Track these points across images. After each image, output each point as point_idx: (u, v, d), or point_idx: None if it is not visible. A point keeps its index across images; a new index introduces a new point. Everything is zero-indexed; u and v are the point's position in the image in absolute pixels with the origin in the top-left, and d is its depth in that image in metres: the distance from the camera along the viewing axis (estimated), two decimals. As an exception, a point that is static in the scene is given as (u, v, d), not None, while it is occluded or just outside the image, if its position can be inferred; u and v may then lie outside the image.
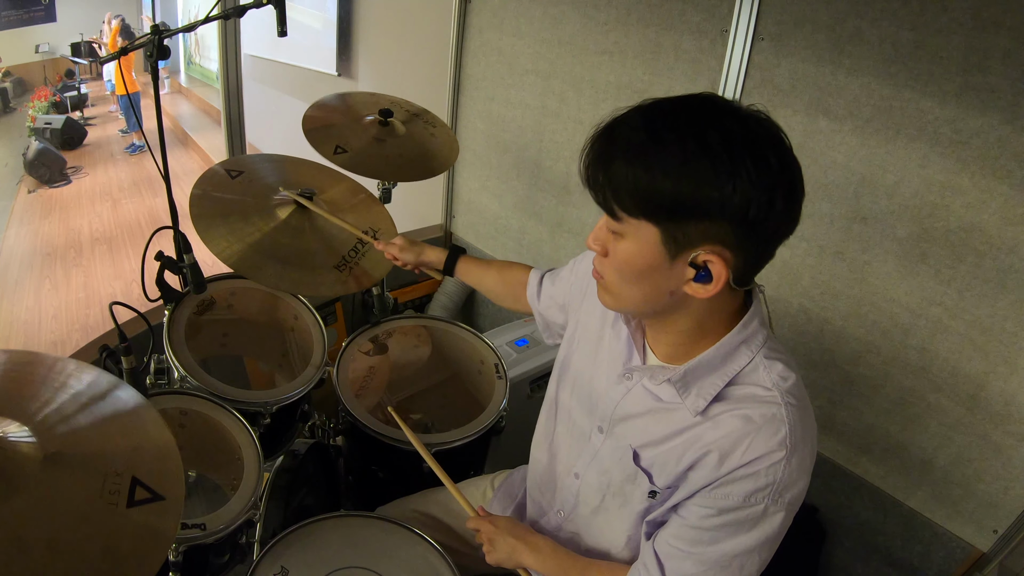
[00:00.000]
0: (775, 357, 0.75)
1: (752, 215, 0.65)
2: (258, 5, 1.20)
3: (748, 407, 0.73)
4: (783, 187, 0.66)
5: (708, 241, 0.67)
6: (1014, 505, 1.28)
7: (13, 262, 4.50)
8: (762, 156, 0.64)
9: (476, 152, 2.32)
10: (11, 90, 7.88)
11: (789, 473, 0.71)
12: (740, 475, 0.71)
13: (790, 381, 0.74)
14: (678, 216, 0.66)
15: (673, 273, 0.70)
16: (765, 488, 0.71)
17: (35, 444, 0.66)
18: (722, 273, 0.67)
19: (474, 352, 1.55)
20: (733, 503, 0.72)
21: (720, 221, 0.65)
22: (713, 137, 0.63)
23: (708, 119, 0.65)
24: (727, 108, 0.67)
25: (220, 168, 1.32)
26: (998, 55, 1.13)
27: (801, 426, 0.72)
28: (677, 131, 0.65)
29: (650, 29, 1.67)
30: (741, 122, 0.65)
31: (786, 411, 0.71)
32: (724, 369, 0.75)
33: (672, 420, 0.78)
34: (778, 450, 0.70)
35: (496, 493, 1.19)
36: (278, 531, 1.04)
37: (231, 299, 1.44)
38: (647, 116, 0.67)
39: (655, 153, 0.65)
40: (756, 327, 0.76)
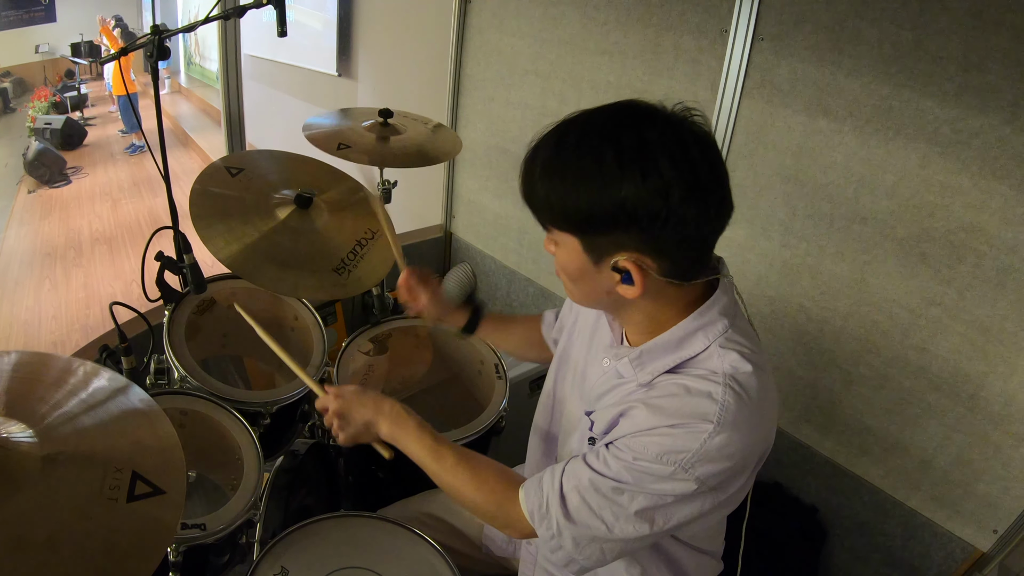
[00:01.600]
0: (732, 347, 0.75)
1: (652, 221, 0.67)
2: (258, 5, 1.20)
3: (690, 380, 0.74)
4: (680, 188, 0.66)
5: (622, 248, 0.70)
6: (1014, 505, 1.28)
7: (13, 262, 4.50)
8: (651, 162, 0.66)
9: (476, 152, 2.32)
10: (11, 90, 7.88)
11: (707, 449, 0.70)
12: (661, 432, 0.72)
13: (741, 371, 0.73)
14: (589, 228, 0.71)
15: (602, 277, 0.74)
16: (680, 452, 0.71)
17: (35, 443, 0.67)
18: (640, 278, 0.71)
19: (474, 352, 1.55)
20: (648, 455, 0.72)
21: (623, 229, 0.68)
22: (606, 151, 0.67)
23: (605, 133, 0.68)
24: (633, 117, 0.69)
25: (220, 164, 1.31)
26: (998, 55, 1.13)
27: (736, 412, 0.71)
28: (578, 148, 0.69)
29: (650, 29, 1.67)
30: (637, 130, 0.67)
31: (723, 391, 0.71)
32: (678, 352, 0.77)
33: (625, 392, 0.81)
34: (702, 422, 0.70)
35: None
36: (278, 531, 1.04)
37: (231, 299, 1.44)
38: (559, 133, 0.72)
39: (560, 170, 0.70)
40: (715, 316, 0.76)
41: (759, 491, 1.32)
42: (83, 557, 0.61)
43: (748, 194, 1.55)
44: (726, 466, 0.72)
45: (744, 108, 1.52)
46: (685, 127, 0.69)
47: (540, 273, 2.23)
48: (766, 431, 0.76)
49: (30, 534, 0.60)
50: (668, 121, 0.68)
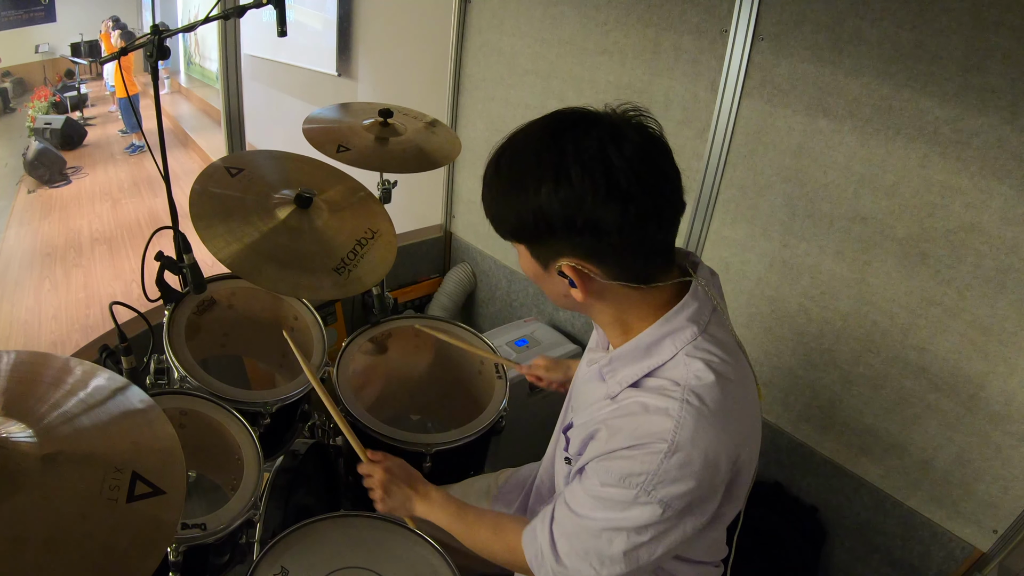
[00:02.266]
0: (698, 355, 0.74)
1: (569, 229, 0.69)
2: (258, 5, 1.20)
3: (648, 396, 0.74)
4: (592, 195, 0.67)
5: (560, 255, 0.73)
6: (1014, 505, 1.28)
7: (13, 262, 4.50)
8: (563, 173, 0.67)
9: (476, 152, 2.32)
10: (11, 90, 7.88)
11: (666, 469, 0.69)
12: (620, 455, 0.72)
13: (703, 381, 0.72)
14: (527, 236, 0.74)
15: (554, 281, 0.76)
16: (639, 475, 0.70)
17: (35, 443, 0.67)
18: (579, 282, 0.73)
19: (474, 352, 1.55)
20: (611, 479, 0.73)
21: (554, 238, 0.71)
22: (528, 162, 0.70)
23: (525, 150, 0.71)
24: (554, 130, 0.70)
25: (220, 164, 1.32)
26: (998, 55, 1.13)
27: (693, 427, 0.69)
28: (511, 160, 0.73)
29: (650, 29, 1.67)
30: (555, 144, 0.68)
31: (680, 407, 0.70)
32: (645, 361, 0.76)
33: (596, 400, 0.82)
34: (657, 443, 0.70)
35: (500, 491, 1.19)
36: (278, 531, 1.04)
37: (231, 299, 1.44)
38: (502, 146, 0.75)
39: (493, 186, 0.75)
40: (682, 322, 0.75)
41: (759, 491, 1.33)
42: (83, 557, 0.61)
43: (748, 194, 1.55)
44: (690, 486, 0.70)
45: (744, 108, 1.52)
46: (616, 132, 0.68)
47: (540, 273, 2.23)
48: (734, 442, 0.73)
49: (30, 534, 0.60)
50: (595, 127, 0.69)
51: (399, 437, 1.28)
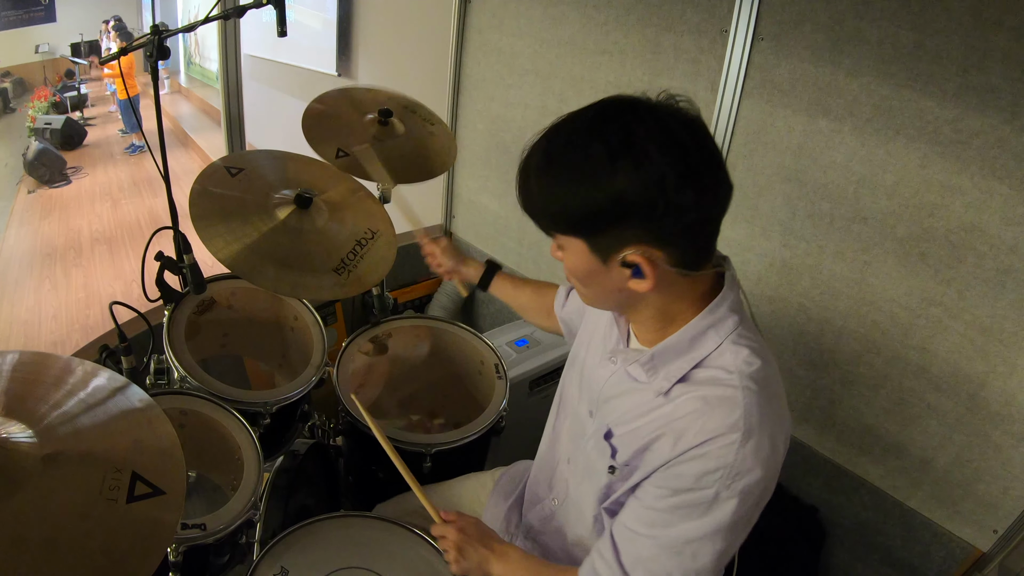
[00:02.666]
0: (743, 343, 0.75)
1: (651, 211, 0.66)
2: (258, 5, 1.20)
3: (705, 388, 0.73)
4: (673, 174, 0.65)
5: (629, 243, 0.69)
6: (1014, 505, 1.28)
7: (13, 262, 4.50)
8: (642, 153, 0.65)
9: (476, 152, 2.32)
10: (11, 90, 7.88)
11: (743, 458, 0.69)
12: (692, 455, 0.71)
13: (754, 367, 0.73)
14: (591, 227, 0.70)
15: (612, 275, 0.73)
16: (716, 471, 0.70)
17: (35, 443, 0.66)
18: (650, 270, 0.70)
19: (474, 352, 1.55)
20: (685, 484, 0.72)
21: (628, 223, 0.68)
22: (595, 148, 0.66)
23: (592, 130, 0.68)
24: (618, 111, 0.69)
25: (220, 164, 1.32)
26: (998, 55, 1.13)
27: (759, 412, 0.70)
28: (567, 148, 0.69)
29: (650, 29, 1.67)
30: (624, 124, 0.67)
31: (742, 394, 0.71)
32: (691, 353, 0.76)
33: (641, 399, 0.80)
34: (730, 432, 0.69)
35: (497, 486, 1.19)
36: (278, 531, 1.04)
37: (231, 299, 1.44)
38: (548, 137, 0.72)
39: (553, 173, 0.70)
40: (725, 312, 0.76)
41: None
42: (83, 557, 0.61)
43: (748, 194, 1.55)
44: (762, 473, 0.70)
45: (744, 108, 1.52)
46: (671, 114, 0.68)
47: (540, 273, 2.23)
48: (784, 425, 0.75)
49: (30, 534, 0.60)
50: (652, 110, 0.68)
51: (399, 437, 1.28)
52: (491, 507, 1.17)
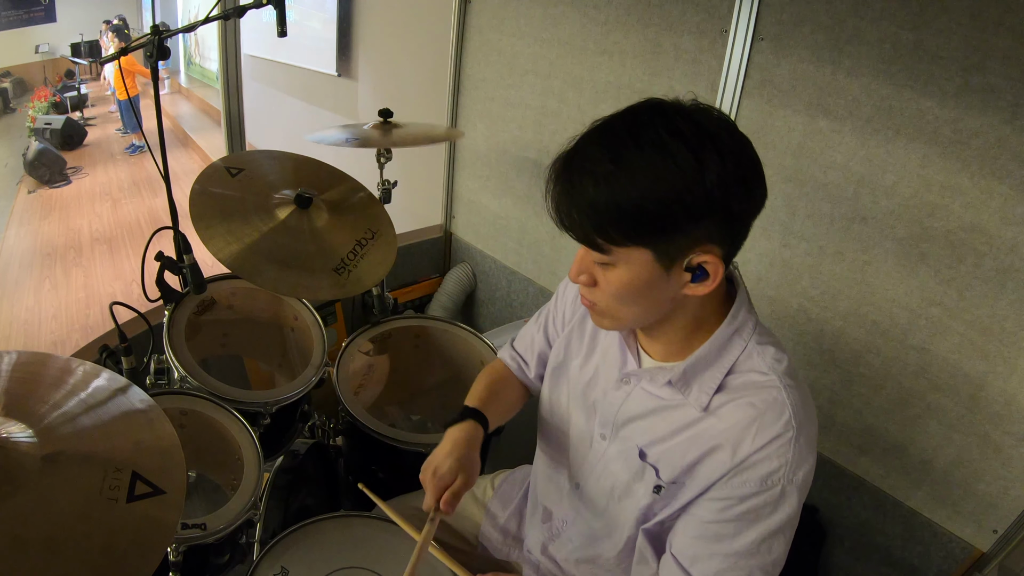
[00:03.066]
0: (766, 341, 0.77)
1: (735, 206, 0.66)
2: (258, 5, 1.20)
3: (749, 394, 0.74)
4: (748, 167, 0.66)
5: (699, 243, 0.67)
6: (1014, 505, 1.28)
7: (13, 262, 4.50)
8: (722, 144, 0.64)
9: (476, 152, 2.32)
10: (11, 90, 7.88)
11: (799, 451, 0.72)
12: (754, 460, 0.72)
13: (784, 363, 0.75)
14: (667, 231, 0.66)
15: (671, 283, 0.70)
16: (779, 469, 0.72)
17: (35, 443, 0.67)
18: (719, 268, 0.69)
19: (474, 352, 1.55)
20: (751, 489, 0.73)
21: (706, 220, 0.66)
22: (671, 141, 0.63)
23: (659, 124, 0.64)
24: (674, 108, 0.67)
25: (220, 164, 1.32)
26: (998, 55, 1.13)
27: (802, 406, 0.73)
28: (637, 145, 0.64)
29: (650, 29, 1.67)
30: (689, 118, 0.65)
31: (786, 393, 0.72)
32: (721, 361, 0.76)
33: (677, 417, 0.79)
34: (786, 431, 0.71)
35: (496, 492, 1.19)
36: (278, 531, 1.04)
37: (231, 299, 1.44)
38: (602, 139, 0.66)
39: (624, 174, 0.64)
40: (744, 316, 0.77)
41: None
42: (83, 557, 0.61)
43: (748, 194, 1.55)
44: (813, 460, 0.74)
45: (744, 108, 1.52)
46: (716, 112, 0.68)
47: (540, 273, 2.23)
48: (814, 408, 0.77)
49: (30, 534, 0.60)
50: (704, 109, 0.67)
51: (399, 437, 1.28)
52: (490, 515, 1.16)
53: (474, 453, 0.90)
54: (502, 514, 1.14)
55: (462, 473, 0.85)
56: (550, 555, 1.02)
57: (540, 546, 1.03)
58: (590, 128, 0.68)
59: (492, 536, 1.14)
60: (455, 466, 0.86)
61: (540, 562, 1.04)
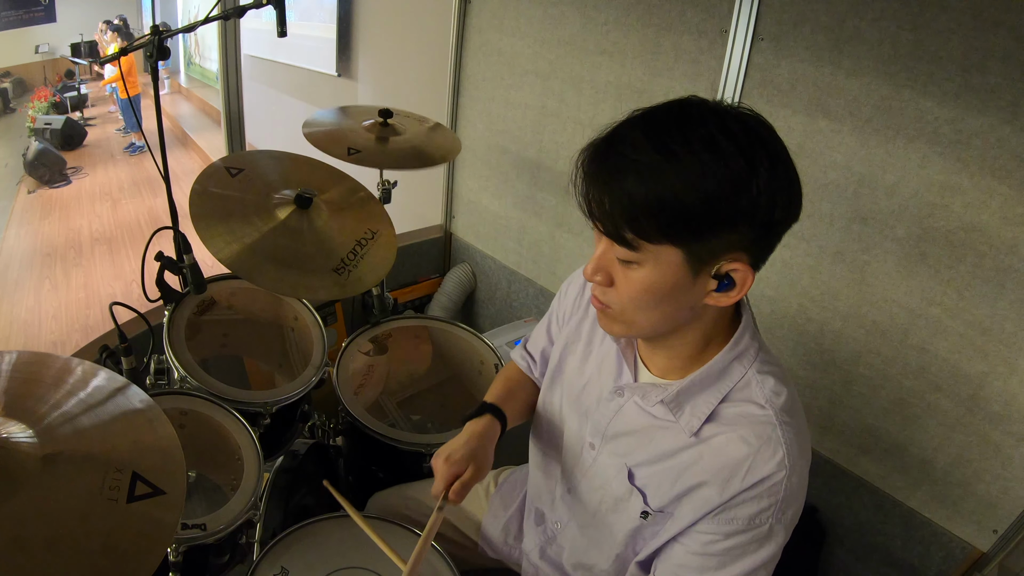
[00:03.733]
0: (767, 371, 0.74)
1: (777, 214, 0.64)
2: (258, 5, 1.20)
3: (743, 428, 0.72)
4: (795, 177, 0.65)
5: (731, 250, 0.64)
6: (1014, 505, 1.28)
7: (13, 262, 4.50)
8: (773, 150, 0.62)
9: (476, 152, 2.32)
10: (11, 90, 7.87)
11: (790, 491, 0.71)
12: (743, 499, 0.71)
13: (783, 397, 0.72)
14: (704, 232, 0.62)
15: (695, 289, 0.67)
16: (769, 508, 0.71)
17: (35, 443, 0.66)
18: (747, 277, 0.66)
19: (474, 352, 1.55)
20: (739, 527, 0.72)
21: (744, 227, 0.63)
22: (722, 141, 0.60)
23: (710, 122, 0.61)
24: (721, 109, 0.64)
25: (220, 164, 1.32)
26: (998, 55, 1.13)
27: (797, 444, 0.71)
28: (686, 141, 0.60)
29: (650, 29, 1.67)
30: (740, 120, 0.63)
31: (782, 431, 0.70)
32: (717, 386, 0.74)
33: (666, 439, 0.77)
34: (778, 471, 0.70)
35: (498, 490, 1.19)
36: (278, 531, 1.04)
37: (231, 299, 1.44)
38: (648, 130, 0.62)
39: (671, 168, 0.60)
40: (748, 341, 0.75)
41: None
42: (83, 557, 0.61)
43: (748, 194, 1.55)
44: (803, 499, 0.73)
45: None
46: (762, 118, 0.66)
47: (540, 273, 2.23)
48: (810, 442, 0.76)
49: (30, 534, 0.60)
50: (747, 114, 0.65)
51: (399, 437, 1.28)
52: (491, 516, 1.16)
53: (489, 447, 0.90)
54: (503, 513, 1.14)
55: (474, 463, 0.85)
56: (549, 558, 1.02)
57: (538, 549, 1.03)
58: (631, 116, 0.65)
59: (493, 534, 1.14)
60: (468, 456, 0.85)
61: (539, 566, 1.03)
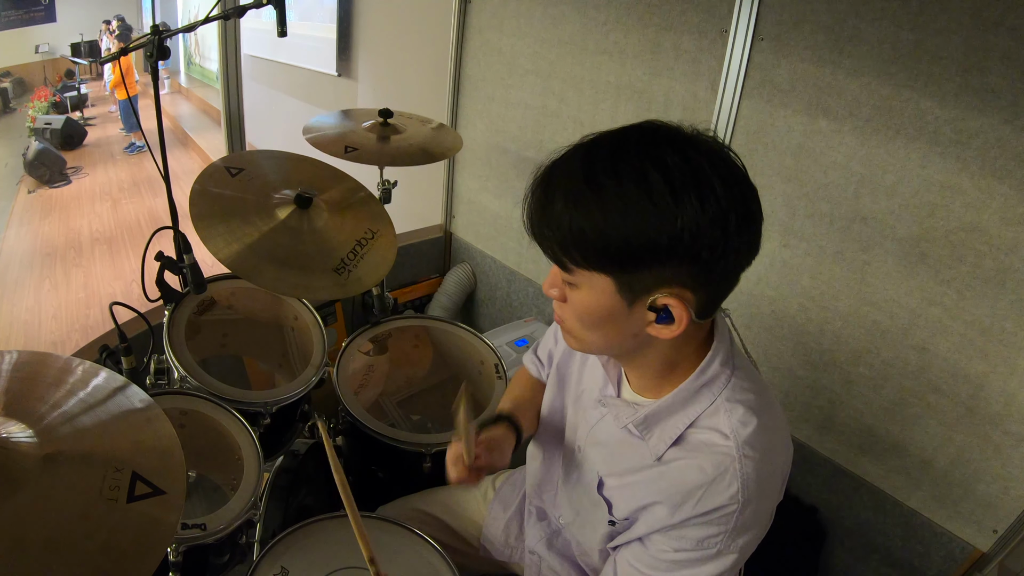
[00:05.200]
0: (739, 399, 0.72)
1: (705, 252, 0.61)
2: (258, 5, 1.20)
3: (702, 456, 0.71)
4: (735, 215, 0.61)
5: (664, 284, 0.64)
6: (1014, 505, 1.28)
7: (13, 262, 4.50)
8: (707, 187, 0.60)
9: (476, 152, 2.32)
10: (11, 90, 7.88)
11: (743, 522, 0.71)
12: (693, 523, 0.72)
13: (750, 428, 0.70)
14: (629, 265, 0.63)
15: (633, 318, 0.67)
16: (718, 535, 0.72)
17: (35, 443, 0.66)
18: (683, 315, 0.65)
19: (474, 352, 1.55)
20: (687, 545, 0.74)
21: (673, 263, 0.62)
22: (652, 175, 0.59)
23: (645, 155, 0.61)
24: (668, 137, 0.63)
25: (220, 164, 1.32)
26: (998, 55, 1.13)
27: (756, 479, 0.69)
28: (616, 173, 0.61)
29: (650, 29, 1.67)
30: (681, 152, 0.61)
31: (740, 464, 0.69)
32: (685, 412, 0.74)
33: (634, 455, 0.79)
34: (729, 504, 0.70)
35: (497, 494, 1.19)
36: (278, 531, 1.04)
37: (231, 299, 1.44)
38: (585, 159, 0.63)
39: (595, 200, 0.61)
40: (717, 369, 0.73)
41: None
42: (83, 557, 0.61)
43: (748, 194, 1.55)
44: (760, 528, 0.74)
45: (744, 108, 1.52)
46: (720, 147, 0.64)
47: (540, 273, 2.23)
48: (783, 471, 0.75)
49: (30, 534, 0.60)
50: (700, 145, 0.62)
51: (399, 437, 1.28)
52: (491, 518, 1.16)
53: (507, 448, 0.92)
54: (503, 515, 1.14)
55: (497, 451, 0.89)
56: (557, 549, 1.04)
57: (545, 542, 1.04)
58: (580, 142, 0.66)
59: (494, 538, 1.14)
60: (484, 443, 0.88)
61: (544, 558, 1.04)
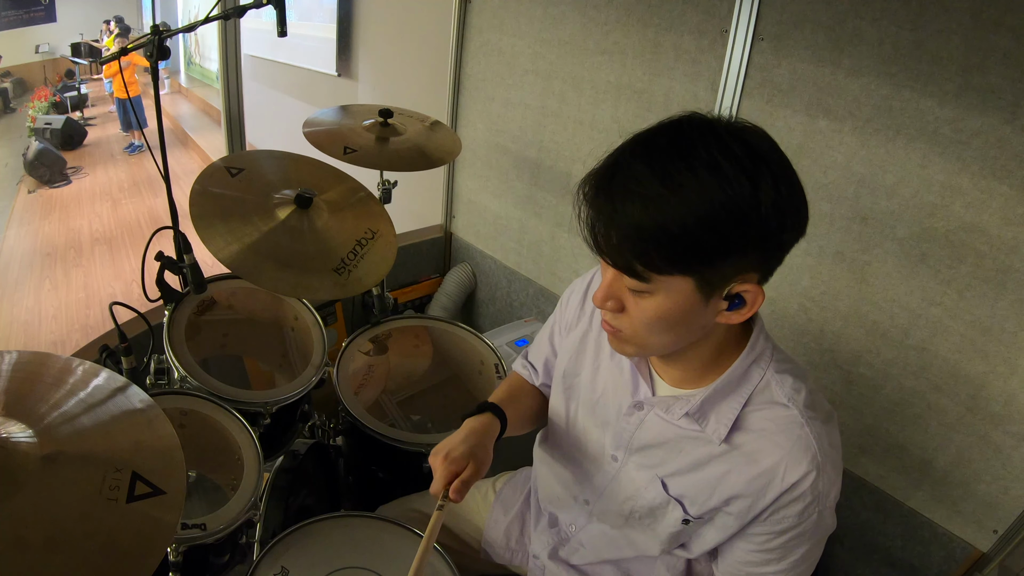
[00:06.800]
0: (784, 369, 0.75)
1: (786, 235, 0.63)
2: (258, 5, 1.20)
3: (773, 432, 0.73)
4: (799, 193, 0.63)
5: (742, 272, 0.64)
6: (1014, 505, 1.28)
7: (13, 262, 4.50)
8: (776, 168, 0.61)
9: (476, 152, 2.32)
10: (11, 90, 7.88)
11: (827, 480, 0.73)
12: (786, 500, 0.73)
13: (803, 393, 0.74)
14: (713, 259, 0.62)
15: (707, 312, 0.67)
16: (812, 502, 0.73)
17: (35, 443, 0.66)
18: (757, 297, 0.66)
19: (474, 352, 1.55)
20: (789, 524, 0.74)
21: (751, 247, 0.62)
22: (723, 163, 0.59)
23: (710, 144, 0.60)
24: (720, 127, 0.63)
25: (220, 164, 1.32)
26: (998, 55, 1.13)
27: (826, 435, 0.73)
28: (689, 168, 0.59)
29: (650, 29, 1.67)
30: (739, 138, 0.61)
31: (809, 428, 0.72)
32: (739, 392, 0.75)
33: (696, 449, 0.78)
34: (812, 468, 0.71)
35: (498, 496, 1.19)
36: (278, 531, 1.04)
37: (231, 299, 1.44)
38: (646, 157, 0.61)
39: (673, 195, 0.59)
40: (763, 345, 0.76)
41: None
42: (83, 557, 0.61)
43: (748, 194, 1.55)
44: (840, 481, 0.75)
45: (744, 108, 1.52)
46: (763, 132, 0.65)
47: (540, 273, 2.23)
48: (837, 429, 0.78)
49: (30, 534, 0.60)
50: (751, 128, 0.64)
51: (399, 437, 1.28)
52: (492, 521, 1.16)
53: (488, 444, 0.87)
54: (504, 518, 1.14)
55: (474, 461, 0.82)
56: (562, 559, 1.02)
57: (550, 550, 1.03)
58: (628, 144, 0.64)
59: (495, 540, 1.14)
60: (467, 453, 0.83)
61: (547, 567, 1.03)
